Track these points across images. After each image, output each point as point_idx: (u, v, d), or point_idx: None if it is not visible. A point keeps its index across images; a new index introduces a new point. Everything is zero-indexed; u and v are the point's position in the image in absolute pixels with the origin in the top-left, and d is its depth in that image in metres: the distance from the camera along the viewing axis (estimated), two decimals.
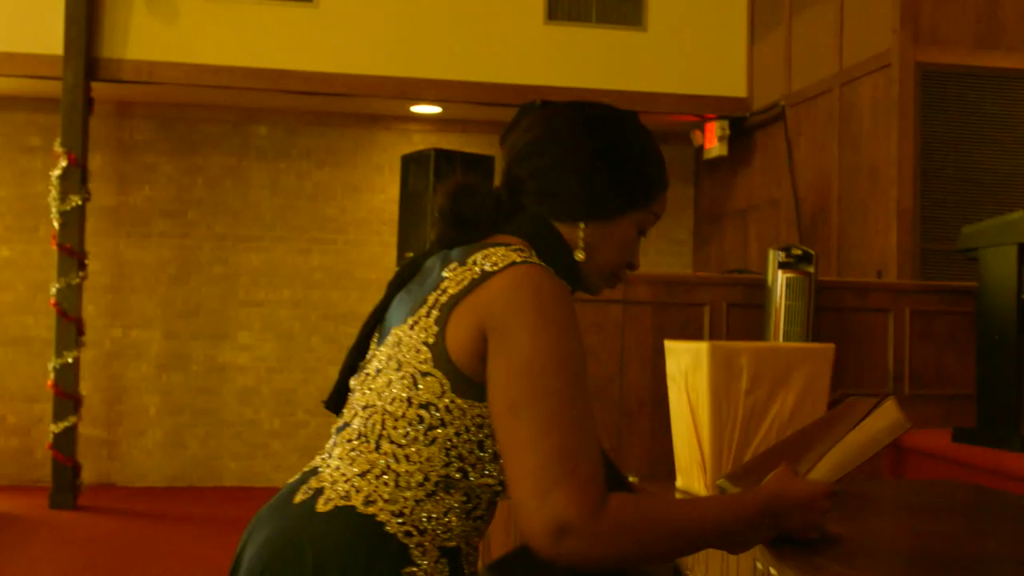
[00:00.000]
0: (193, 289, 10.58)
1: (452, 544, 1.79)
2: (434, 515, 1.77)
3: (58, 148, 9.01)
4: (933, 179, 7.70)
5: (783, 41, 9.34)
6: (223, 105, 10.52)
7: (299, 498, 1.83)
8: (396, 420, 1.78)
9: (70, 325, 9.03)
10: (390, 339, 1.85)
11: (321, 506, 1.78)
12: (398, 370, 1.79)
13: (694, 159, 11.00)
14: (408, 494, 1.76)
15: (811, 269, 5.45)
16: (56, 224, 9.04)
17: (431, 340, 1.77)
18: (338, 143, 10.85)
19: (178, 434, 10.51)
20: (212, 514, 9.19)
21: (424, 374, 1.76)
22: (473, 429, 1.76)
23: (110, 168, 10.47)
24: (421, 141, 10.45)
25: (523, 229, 1.90)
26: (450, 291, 1.78)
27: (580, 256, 1.91)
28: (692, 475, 2.78)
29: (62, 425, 9.00)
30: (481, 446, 1.77)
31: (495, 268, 1.75)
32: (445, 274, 1.81)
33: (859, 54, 8.20)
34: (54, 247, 9.09)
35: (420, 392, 1.76)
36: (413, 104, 10.25)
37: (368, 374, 1.87)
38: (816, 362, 2.72)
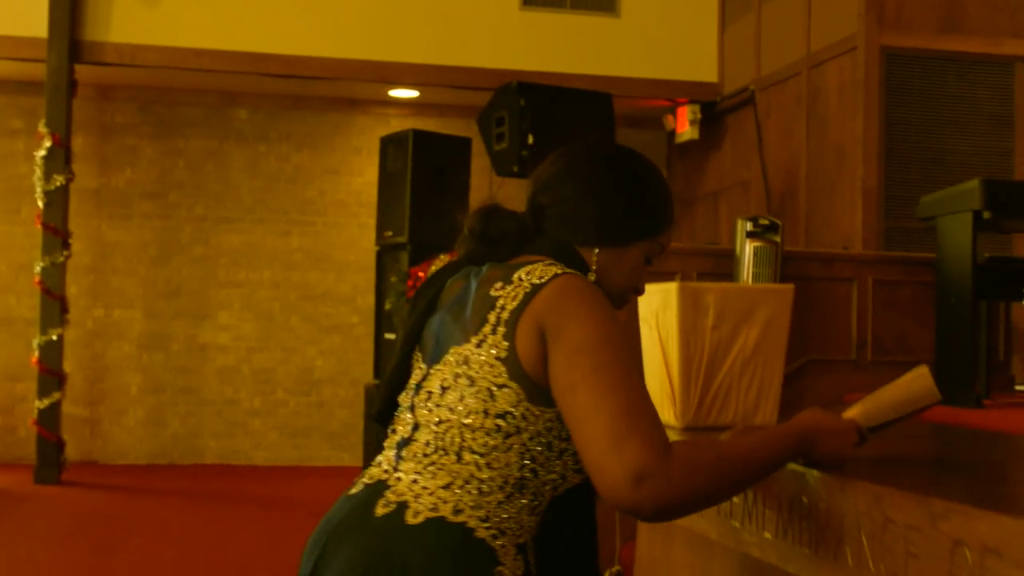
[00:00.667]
0: (174, 270, 10.74)
1: (523, 540, 1.95)
2: (511, 515, 1.94)
3: (43, 128, 9.15)
4: (897, 159, 7.94)
5: (753, 26, 9.57)
6: (204, 89, 10.68)
7: (381, 511, 1.93)
8: (474, 432, 1.93)
9: (54, 303, 9.18)
10: (451, 358, 1.99)
11: (411, 519, 1.89)
12: (471, 385, 1.94)
13: (666, 143, 11.21)
14: (490, 498, 1.92)
15: (777, 239, 5.66)
16: (40, 204, 9.18)
17: (503, 355, 1.92)
18: (317, 127, 11.03)
19: (159, 412, 10.67)
20: (193, 489, 9.36)
21: (500, 386, 1.92)
22: (544, 432, 1.95)
23: (92, 150, 10.61)
24: (398, 125, 10.61)
25: (546, 250, 2.08)
26: (508, 307, 1.94)
27: (592, 277, 2.10)
28: (663, 407, 2.99)
29: (47, 401, 9.15)
30: (550, 446, 1.96)
31: (542, 280, 1.93)
32: (494, 293, 1.98)
33: (826, 38, 8.43)
34: (38, 226, 9.23)
35: (496, 403, 1.92)
36: (391, 88, 10.44)
37: (430, 392, 2.00)
38: (777, 301, 2.93)
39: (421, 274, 7.49)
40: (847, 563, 1.90)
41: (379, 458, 2.05)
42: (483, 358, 1.94)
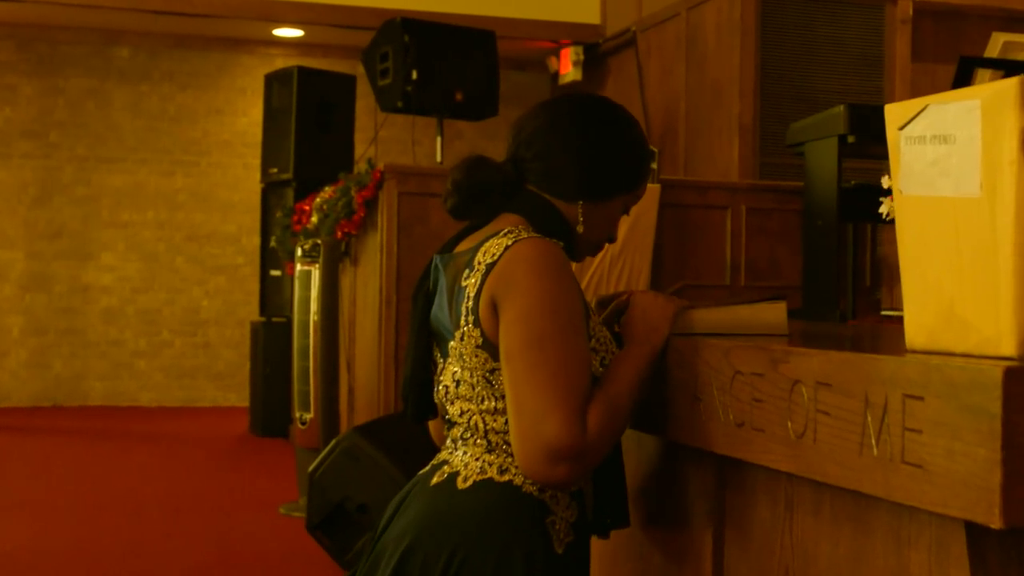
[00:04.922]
0: (56, 210, 10.62)
1: (575, 488, 2.05)
2: None
3: None
4: (771, 97, 8.18)
5: None
6: (85, 26, 10.53)
7: (436, 480, 2.05)
8: (493, 415, 2.01)
9: None
10: (451, 352, 2.05)
11: (461, 484, 2.00)
12: (471, 376, 2.01)
13: (550, 85, 11.35)
14: None
15: (654, 166, 5.85)
16: None
17: (480, 341, 1.98)
18: (201, 66, 10.95)
19: (42, 354, 10.58)
20: (79, 428, 9.34)
21: (492, 371, 1.99)
22: None
23: None
24: (283, 65, 10.50)
25: (526, 207, 2.11)
26: (471, 295, 1.98)
27: (580, 230, 2.15)
28: None
29: None
30: None
31: (495, 258, 1.96)
32: (463, 283, 2.01)
33: None
34: None
35: (497, 387, 1.99)
36: (275, 27, 10.40)
37: (447, 386, 2.08)
38: (645, 199, 3.09)
39: (307, 208, 7.53)
40: (700, 417, 2.05)
41: (448, 442, 2.13)
42: (469, 350, 2.00)
